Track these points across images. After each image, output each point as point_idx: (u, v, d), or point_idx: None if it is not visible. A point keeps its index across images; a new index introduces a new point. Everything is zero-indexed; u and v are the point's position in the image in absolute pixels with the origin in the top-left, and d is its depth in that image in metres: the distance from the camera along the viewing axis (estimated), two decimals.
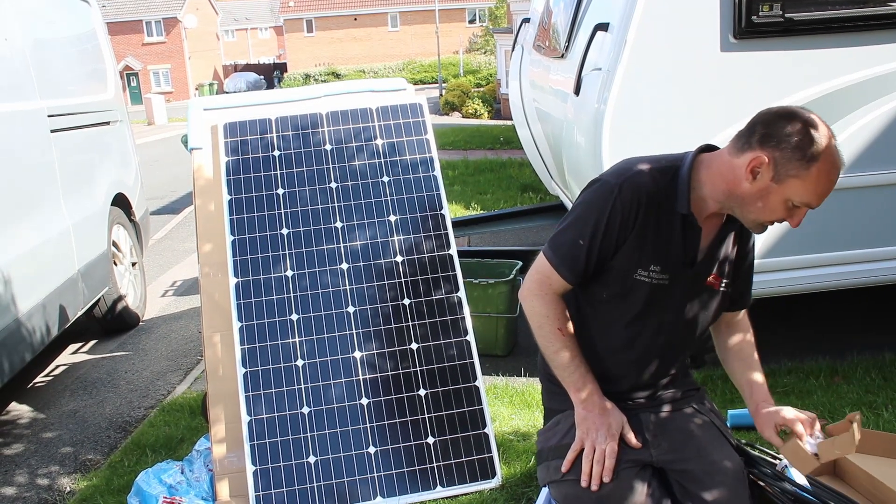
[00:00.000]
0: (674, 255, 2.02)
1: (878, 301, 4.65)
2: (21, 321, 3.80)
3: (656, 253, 2.01)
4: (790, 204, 1.90)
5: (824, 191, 1.88)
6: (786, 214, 1.93)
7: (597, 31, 3.58)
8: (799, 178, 1.86)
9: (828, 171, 1.86)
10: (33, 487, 3.40)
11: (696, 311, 2.12)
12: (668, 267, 2.03)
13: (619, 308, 2.08)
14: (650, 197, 1.98)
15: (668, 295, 2.06)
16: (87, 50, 5.46)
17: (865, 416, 3.24)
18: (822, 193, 1.89)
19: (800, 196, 1.88)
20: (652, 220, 1.99)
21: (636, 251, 2.01)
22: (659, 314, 2.08)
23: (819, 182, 1.86)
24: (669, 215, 2.00)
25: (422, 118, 3.37)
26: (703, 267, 2.08)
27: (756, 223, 1.98)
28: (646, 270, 2.02)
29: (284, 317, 2.98)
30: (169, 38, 49.41)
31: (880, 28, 3.47)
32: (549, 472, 2.12)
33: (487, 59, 38.70)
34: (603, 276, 2.07)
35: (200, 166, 3.32)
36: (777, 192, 1.89)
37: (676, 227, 2.00)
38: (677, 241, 2.01)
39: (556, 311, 2.09)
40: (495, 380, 3.96)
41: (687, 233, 2.02)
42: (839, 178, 1.91)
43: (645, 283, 2.03)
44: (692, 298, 2.10)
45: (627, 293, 2.05)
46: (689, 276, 2.06)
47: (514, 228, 6.15)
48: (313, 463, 2.80)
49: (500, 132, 16.62)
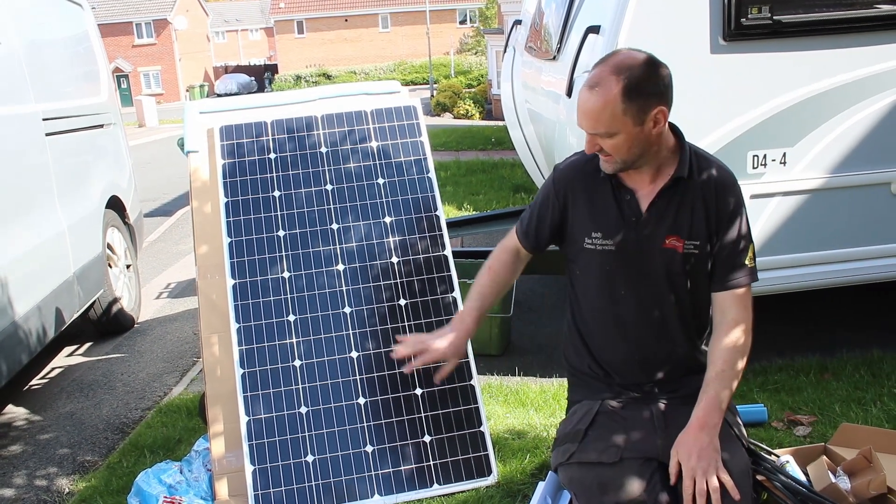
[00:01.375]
0: (611, 220, 2.19)
1: (868, 298, 4.71)
2: (18, 324, 3.82)
3: (594, 220, 2.21)
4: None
5: (576, 106, 2.10)
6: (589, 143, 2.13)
7: (588, 33, 3.62)
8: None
9: (580, 93, 2.09)
10: (32, 489, 3.42)
11: (660, 277, 2.18)
12: (610, 233, 2.18)
13: (589, 280, 2.27)
14: (582, 170, 2.27)
15: (620, 261, 2.19)
16: (80, 52, 5.48)
17: (854, 412, 3.29)
18: (581, 114, 2.09)
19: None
20: (585, 191, 2.24)
21: (578, 223, 2.24)
22: (619, 281, 2.21)
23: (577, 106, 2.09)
24: (600, 183, 2.22)
25: (416, 120, 3.40)
26: (652, 229, 2.15)
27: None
28: (590, 238, 2.22)
29: (282, 318, 3.01)
30: (159, 39, 49.28)
31: (868, 30, 3.52)
32: (559, 456, 2.23)
33: (478, 60, 38.75)
34: (571, 254, 2.30)
35: (197, 169, 3.34)
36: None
37: (608, 193, 2.20)
38: (611, 206, 2.19)
39: (499, 253, 2.47)
40: (490, 379, 4.00)
41: (619, 196, 2.19)
42: (830, 177, 1.98)
43: (593, 251, 2.21)
44: (652, 263, 2.17)
45: (586, 264, 2.25)
46: (637, 239, 2.17)
47: (506, 229, 6.13)
48: (311, 462, 2.83)
49: (491, 133, 16.66)
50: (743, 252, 2.18)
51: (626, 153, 2.08)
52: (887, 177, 3.66)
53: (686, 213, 2.15)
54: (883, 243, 3.74)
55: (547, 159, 4.83)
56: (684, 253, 2.16)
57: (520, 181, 9.84)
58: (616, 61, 2.03)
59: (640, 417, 2.19)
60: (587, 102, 2.04)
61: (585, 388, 2.32)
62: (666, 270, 2.17)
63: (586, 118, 2.06)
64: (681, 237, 2.15)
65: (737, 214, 2.18)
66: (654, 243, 2.15)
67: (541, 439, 3.18)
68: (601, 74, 2.02)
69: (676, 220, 2.15)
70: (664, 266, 2.17)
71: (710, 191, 2.17)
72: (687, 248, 2.15)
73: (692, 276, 2.19)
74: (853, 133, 3.60)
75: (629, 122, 2.02)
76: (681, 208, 2.15)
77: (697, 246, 2.16)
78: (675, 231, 2.15)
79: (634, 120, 2.02)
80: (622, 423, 2.18)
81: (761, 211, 3.61)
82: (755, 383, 3.68)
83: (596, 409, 2.23)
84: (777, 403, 3.45)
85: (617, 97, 2.00)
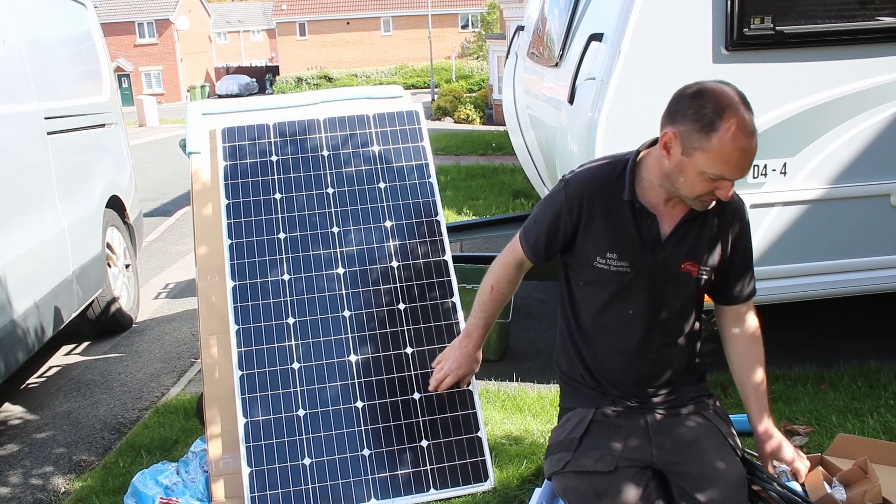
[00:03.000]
0: (629, 242, 2.13)
1: (866, 309, 4.72)
2: (16, 322, 3.82)
3: (609, 241, 2.14)
4: (707, 176, 1.93)
5: (734, 159, 1.89)
6: (708, 187, 1.96)
7: (591, 40, 3.63)
8: (703, 150, 1.90)
9: (731, 139, 1.87)
10: (28, 488, 3.42)
11: (672, 300, 2.18)
12: (627, 254, 2.13)
13: (594, 295, 2.21)
14: (595, 189, 2.14)
15: (635, 282, 2.15)
16: (82, 52, 5.48)
17: (851, 423, 3.30)
18: (732, 162, 1.89)
19: (711, 168, 1.91)
20: (603, 210, 2.13)
21: (591, 240, 2.16)
22: (630, 301, 2.17)
23: (723, 151, 1.88)
24: (619, 205, 2.12)
25: (418, 125, 3.41)
26: (670, 253, 2.14)
27: (690, 199, 2.04)
28: (603, 258, 2.15)
29: (281, 320, 3.01)
30: (161, 39, 49.30)
31: (870, 42, 3.54)
32: (553, 464, 2.22)
33: (480, 65, 38.80)
34: (574, 265, 2.23)
35: (198, 170, 3.35)
36: (690, 165, 1.94)
37: (627, 215, 2.12)
38: (630, 229, 2.12)
39: (499, 270, 2.42)
40: (488, 384, 4.00)
41: (640, 220, 2.12)
42: (831, 188, 1.97)
43: (606, 271, 2.15)
44: (664, 286, 2.16)
45: (596, 281, 2.19)
46: (653, 262, 2.14)
47: (506, 234, 6.17)
48: (308, 465, 2.83)
49: (492, 138, 16.68)
50: (751, 267, 2.27)
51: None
52: (887, 188, 3.67)
53: (704, 240, 2.15)
54: (882, 254, 3.75)
55: (547, 165, 4.84)
56: (697, 278, 2.16)
57: (520, 186, 9.85)
58: (739, 99, 1.90)
59: (635, 426, 2.18)
60: (752, 150, 1.89)
61: (579, 396, 2.30)
62: (678, 294, 2.17)
63: (748, 165, 1.92)
64: (696, 262, 2.15)
65: (748, 236, 2.23)
66: (670, 268, 2.14)
67: (538, 445, 3.18)
68: (748, 119, 1.88)
69: (695, 246, 2.15)
70: (677, 289, 2.17)
71: (726, 217, 2.17)
72: (701, 272, 2.16)
73: (700, 297, 2.21)
74: (854, 144, 3.61)
75: None
76: (700, 235, 2.15)
77: (709, 271, 2.17)
78: (692, 257, 2.15)
79: None
80: (617, 431, 2.18)
81: (761, 221, 3.61)
82: None
83: (590, 417, 2.22)
84: (774, 413, 3.42)
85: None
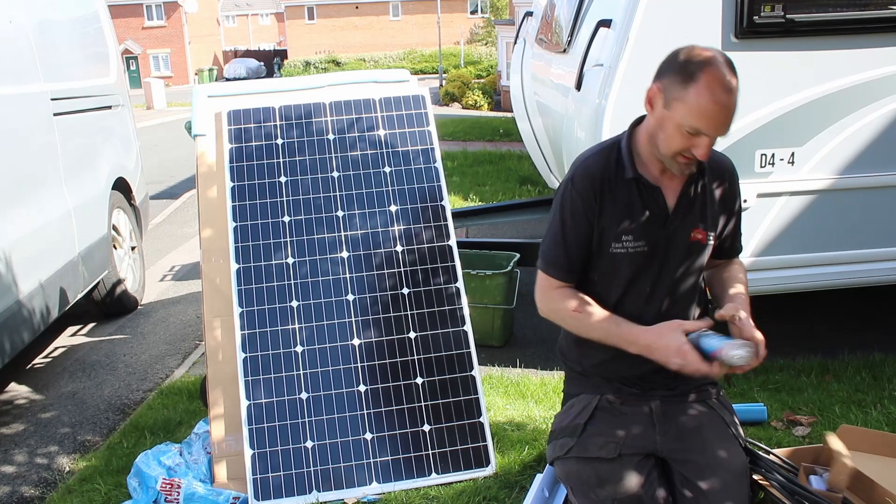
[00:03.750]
0: (641, 220, 2.12)
1: (871, 300, 4.70)
2: (21, 303, 3.84)
3: (622, 223, 2.12)
4: (684, 131, 1.94)
5: (709, 112, 1.89)
6: (685, 143, 1.96)
7: (599, 27, 3.61)
8: (681, 101, 1.92)
9: (708, 91, 1.88)
10: (33, 467, 3.44)
11: (685, 271, 2.18)
12: (641, 233, 2.12)
13: (609, 285, 2.18)
14: (600, 174, 2.13)
15: (653, 260, 2.15)
16: (89, 33, 5.47)
17: (854, 414, 3.29)
18: (708, 115, 1.90)
19: (687, 119, 1.92)
20: (609, 194, 2.12)
21: (606, 227, 2.13)
22: (647, 280, 2.16)
23: (700, 104, 1.89)
24: (623, 184, 2.12)
25: (424, 110, 3.40)
26: (680, 223, 2.15)
27: (669, 160, 2.03)
28: (619, 242, 2.13)
29: (285, 303, 3.01)
30: (169, 22, 49.22)
31: (881, 31, 3.50)
32: (556, 450, 2.22)
33: (488, 51, 38.65)
34: (590, 261, 2.19)
35: (204, 153, 3.34)
36: (669, 118, 1.96)
37: (633, 193, 2.12)
38: (638, 206, 2.12)
39: (562, 300, 2.19)
40: (491, 370, 4.00)
41: (645, 195, 2.12)
42: (839, 178, 1.96)
43: (623, 255, 2.14)
44: (680, 257, 2.17)
45: (609, 269, 2.16)
46: (666, 235, 2.14)
47: (512, 221, 6.18)
48: (310, 448, 2.84)
49: (499, 124, 16.63)
50: (740, 223, 2.31)
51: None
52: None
53: (708, 204, 2.17)
54: (890, 246, 3.73)
55: (554, 152, 4.82)
56: (706, 244, 2.18)
57: (527, 173, 9.83)
58: (723, 59, 1.92)
59: (639, 413, 2.18)
60: (731, 106, 1.91)
61: (584, 381, 2.31)
62: (688, 262, 2.18)
63: (728, 121, 1.93)
64: (704, 229, 2.16)
65: (738, 197, 2.26)
66: (680, 237, 2.15)
67: (540, 431, 3.18)
68: (728, 76, 1.90)
69: (702, 212, 2.17)
70: (689, 259, 2.17)
71: (724, 179, 2.20)
72: (709, 238, 2.18)
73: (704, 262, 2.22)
74: (863, 135, 3.59)
75: None
76: (703, 201, 2.16)
77: (715, 236, 2.20)
78: (700, 223, 2.16)
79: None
80: (621, 418, 2.18)
81: (768, 210, 3.60)
82: (756, 382, 3.68)
83: (595, 403, 2.23)
84: (777, 403, 3.45)
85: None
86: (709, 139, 1.95)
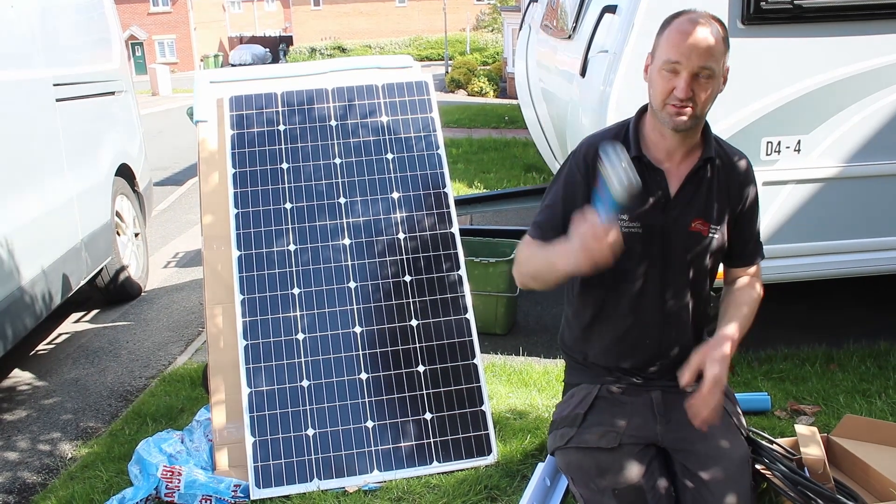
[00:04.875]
0: (639, 201, 2.10)
1: (877, 289, 4.67)
2: (24, 289, 3.83)
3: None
4: (664, 72, 2.00)
5: (677, 41, 1.97)
6: (667, 84, 2.00)
7: (605, 13, 3.57)
8: (659, 45, 2.04)
9: (678, 25, 2.00)
10: (35, 453, 3.44)
11: (683, 262, 2.15)
12: (637, 214, 2.10)
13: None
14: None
15: (647, 243, 2.12)
16: (92, 18, 5.45)
17: (858, 404, 3.27)
18: (675, 45, 1.98)
19: (662, 54, 2.01)
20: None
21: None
22: (643, 263, 2.14)
23: (670, 37, 2.00)
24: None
25: (427, 96, 3.37)
26: (680, 212, 2.12)
27: (661, 113, 2.05)
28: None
29: (286, 290, 3.00)
30: (175, 7, 49.12)
31: (889, 17, 3.46)
32: (557, 440, 2.21)
33: (494, 38, 38.46)
34: None
35: (205, 139, 3.32)
36: (654, 68, 2.05)
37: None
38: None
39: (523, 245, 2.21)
40: (493, 358, 3.99)
41: (647, 177, 2.11)
42: (845, 166, 1.94)
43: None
44: (680, 248, 2.14)
45: None
46: (664, 221, 2.11)
47: (516, 208, 6.16)
48: (312, 435, 2.83)
49: (505, 111, 16.57)
50: (758, 233, 2.27)
51: (709, 102, 2.03)
52: None
53: (713, 197, 2.14)
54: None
55: (559, 139, 4.79)
56: (708, 237, 2.14)
57: (532, 160, 9.79)
58: (701, 12, 2.02)
59: (639, 403, 2.17)
60: (700, 34, 1.95)
61: (584, 371, 2.30)
62: (688, 254, 2.15)
63: (701, 49, 1.94)
64: (706, 221, 2.13)
65: (757, 200, 2.23)
66: (680, 226, 2.13)
67: (542, 420, 3.17)
68: (701, 16, 2.00)
69: (705, 204, 2.14)
70: (687, 249, 2.14)
71: (735, 175, 2.18)
72: (711, 231, 2.14)
73: (709, 259, 2.18)
74: (870, 123, 3.55)
75: (722, 64, 2.01)
76: (709, 192, 2.14)
77: (719, 230, 2.16)
78: (702, 215, 2.13)
79: (722, 67, 2.02)
80: (622, 408, 2.17)
81: (774, 198, 3.57)
82: (760, 371, 3.66)
83: (595, 393, 2.21)
84: (781, 392, 3.43)
85: (724, 36, 2.01)
86: (686, 74, 1.97)
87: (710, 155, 2.12)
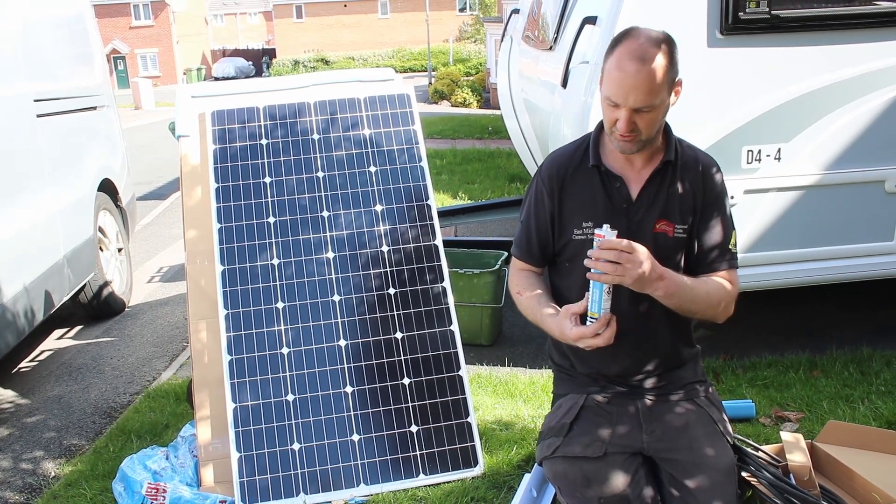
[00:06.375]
0: (602, 207, 2.15)
1: (858, 295, 4.71)
2: (6, 306, 3.80)
3: (583, 210, 2.18)
4: (609, 103, 2.02)
5: (617, 80, 1.97)
6: (611, 114, 2.03)
7: (585, 24, 3.60)
8: (604, 72, 2.04)
9: (617, 60, 1.98)
10: (18, 472, 3.41)
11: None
12: (600, 220, 2.10)
13: (574, 273, 2.19)
14: (566, 163, 2.23)
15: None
16: (74, 33, 5.43)
17: (842, 409, 3.29)
18: (615, 84, 1.97)
19: (604, 90, 2.02)
20: (574, 181, 2.20)
21: (569, 213, 2.20)
22: None
23: (611, 72, 1.99)
24: (587, 173, 2.19)
25: (409, 108, 3.38)
26: (643, 216, 2.14)
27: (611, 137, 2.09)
28: (579, 228, 2.18)
29: (270, 305, 2.99)
30: (157, 21, 49.01)
31: (866, 27, 3.50)
32: (543, 450, 2.22)
33: (477, 48, 38.62)
34: (558, 247, 2.25)
35: (187, 154, 3.32)
36: (601, 92, 2.06)
37: (595, 181, 2.18)
38: (600, 194, 2.17)
39: (514, 281, 2.33)
40: (479, 369, 3.99)
41: (607, 184, 2.17)
42: (825, 174, 1.95)
43: (583, 241, 2.15)
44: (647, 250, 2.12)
45: (574, 256, 2.18)
46: (628, 225, 2.13)
47: (501, 219, 6.18)
48: (297, 450, 2.82)
49: (488, 122, 16.62)
50: (727, 237, 2.21)
51: (655, 127, 2.04)
52: (882, 174, 3.65)
53: (675, 197, 2.15)
54: (876, 241, 3.74)
55: (542, 149, 4.81)
56: (675, 237, 2.15)
57: (516, 171, 9.82)
58: (646, 35, 1.98)
59: (625, 412, 2.18)
60: (639, 75, 1.94)
61: (571, 381, 2.31)
62: (656, 256, 2.14)
63: (639, 92, 1.95)
64: (671, 221, 2.14)
65: (722, 197, 2.21)
66: (644, 229, 2.14)
67: (528, 430, 3.17)
68: (643, 47, 1.95)
69: (667, 204, 2.15)
70: (655, 251, 2.14)
71: (697, 174, 2.19)
72: (677, 231, 2.15)
73: (679, 259, 2.18)
74: (849, 130, 3.59)
75: (666, 92, 2.01)
76: (670, 192, 2.15)
77: (686, 230, 2.16)
78: (666, 215, 2.14)
79: (669, 90, 2.01)
80: (607, 417, 2.17)
81: (755, 206, 3.60)
82: (744, 378, 3.68)
83: (581, 402, 2.22)
84: (765, 399, 3.45)
85: (666, 67, 1.97)
86: (626, 112, 1.99)
87: (669, 158, 2.13)
